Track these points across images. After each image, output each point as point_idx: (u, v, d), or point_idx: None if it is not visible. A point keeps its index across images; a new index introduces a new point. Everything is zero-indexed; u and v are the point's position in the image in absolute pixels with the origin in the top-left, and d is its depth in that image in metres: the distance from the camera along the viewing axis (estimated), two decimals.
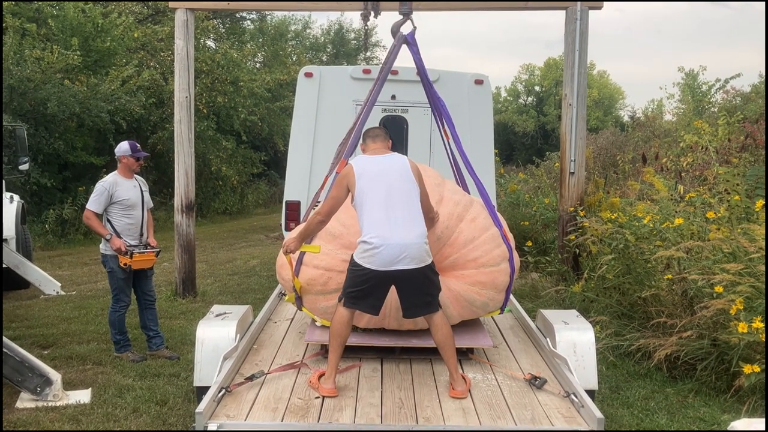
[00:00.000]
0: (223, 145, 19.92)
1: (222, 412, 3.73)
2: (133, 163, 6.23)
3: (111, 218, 6.11)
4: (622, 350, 6.29)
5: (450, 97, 5.60)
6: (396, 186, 4.17)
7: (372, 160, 4.35)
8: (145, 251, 6.19)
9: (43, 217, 14.47)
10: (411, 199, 4.16)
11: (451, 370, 4.13)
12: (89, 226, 6.15)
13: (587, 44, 8.46)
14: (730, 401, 5.30)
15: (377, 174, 4.21)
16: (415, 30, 5.30)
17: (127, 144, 6.25)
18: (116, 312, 6.20)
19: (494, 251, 4.67)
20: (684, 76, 22.56)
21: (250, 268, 11.52)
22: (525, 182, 14.81)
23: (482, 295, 4.65)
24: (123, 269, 6.07)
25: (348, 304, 4.16)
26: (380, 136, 4.54)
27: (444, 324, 4.18)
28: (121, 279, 6.14)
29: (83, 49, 15.68)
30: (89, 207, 6.05)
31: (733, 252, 5.97)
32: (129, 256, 6.02)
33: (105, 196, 6.03)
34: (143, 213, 6.29)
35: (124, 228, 6.12)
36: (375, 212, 4.09)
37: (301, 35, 33.18)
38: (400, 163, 4.30)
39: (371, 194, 4.14)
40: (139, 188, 6.30)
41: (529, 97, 41.06)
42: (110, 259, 6.11)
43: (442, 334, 4.16)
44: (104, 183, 6.09)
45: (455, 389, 4.06)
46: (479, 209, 4.84)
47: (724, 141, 11.21)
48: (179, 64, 8.60)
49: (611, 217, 7.64)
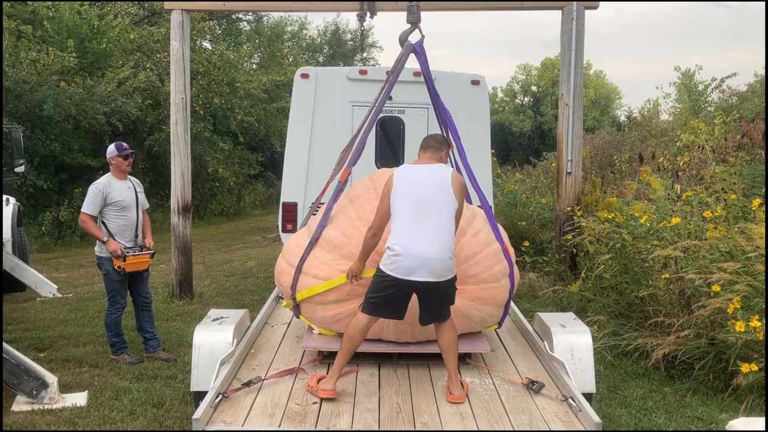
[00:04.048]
0: (219, 147, 19.88)
1: (219, 418, 3.71)
2: (122, 163, 6.20)
3: (105, 220, 6.10)
4: (619, 350, 6.29)
5: (446, 97, 5.57)
6: (429, 197, 4.09)
7: (413, 168, 4.30)
8: (140, 253, 6.17)
9: (40, 219, 14.43)
10: (441, 212, 4.06)
11: (451, 374, 4.11)
12: (85, 229, 6.13)
13: (583, 44, 8.46)
14: (727, 400, 5.31)
15: (413, 182, 4.16)
16: (423, 39, 5.28)
17: (113, 145, 6.27)
18: (112, 314, 6.18)
19: (495, 267, 4.62)
20: (680, 76, 22.58)
21: (247, 269, 11.51)
22: (522, 182, 14.82)
23: (481, 311, 4.61)
24: (118, 271, 6.06)
25: (367, 310, 4.11)
26: (431, 147, 4.45)
27: (450, 328, 4.16)
28: (116, 281, 6.13)
29: (79, 51, 15.65)
30: (84, 210, 6.03)
31: (730, 251, 5.98)
32: (122, 259, 6.00)
33: (99, 198, 6.02)
34: (138, 214, 6.27)
35: (118, 229, 6.10)
36: (403, 220, 4.06)
37: (298, 36, 33.18)
38: (441, 175, 4.19)
39: (403, 201, 4.10)
40: (134, 189, 6.28)
41: (526, 97, 41.12)
42: (105, 262, 6.11)
43: (447, 338, 4.14)
44: (98, 185, 6.08)
45: (452, 394, 4.04)
46: (482, 223, 4.77)
47: (720, 140, 11.23)
48: (175, 65, 8.59)
49: (608, 216, 7.64)
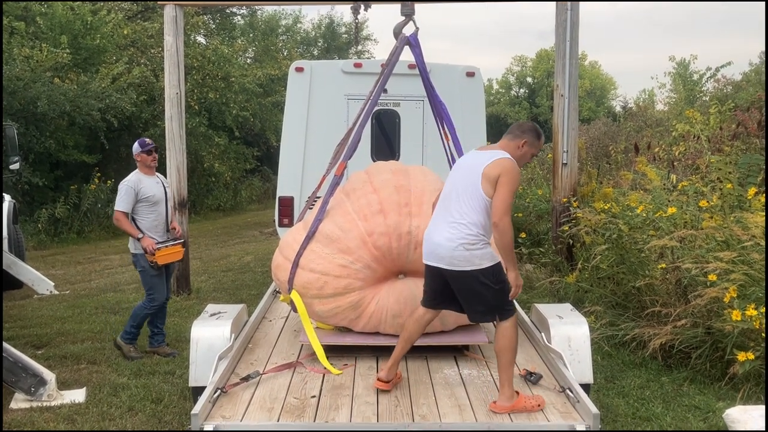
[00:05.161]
0: (215, 142, 19.83)
1: (218, 413, 3.72)
2: (147, 158, 6.17)
3: (137, 216, 6.07)
4: (617, 340, 6.31)
5: (442, 90, 5.58)
6: (458, 184, 3.97)
7: (469, 154, 4.20)
8: (170, 244, 6.19)
9: (36, 216, 14.39)
10: (463, 199, 3.89)
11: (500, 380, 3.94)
12: (120, 227, 6.10)
13: (578, 34, 8.45)
14: (724, 389, 5.32)
15: (456, 168, 4.14)
16: (418, 31, 5.27)
17: (136, 143, 6.25)
18: (145, 309, 6.19)
19: None
20: (675, 66, 22.56)
21: (245, 264, 11.50)
22: None
23: None
24: (153, 266, 6.07)
25: (422, 300, 4.17)
26: (510, 133, 4.11)
27: (501, 336, 3.92)
28: (153, 276, 6.13)
29: (72, 47, 15.58)
30: (118, 208, 6.00)
31: (726, 240, 5.99)
32: (152, 254, 6.00)
33: (131, 194, 5.99)
34: (167, 209, 6.30)
35: (150, 225, 6.11)
36: (438, 203, 4.10)
37: (292, 30, 33.05)
38: (481, 160, 3.91)
39: (445, 185, 4.13)
40: (162, 185, 6.32)
41: (521, 88, 41.07)
42: (141, 258, 6.09)
43: (497, 345, 3.96)
44: (128, 182, 6.05)
45: (495, 401, 3.88)
46: None
47: (715, 130, 11.23)
48: (169, 60, 8.55)
49: (604, 207, 7.65)
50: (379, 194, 4.67)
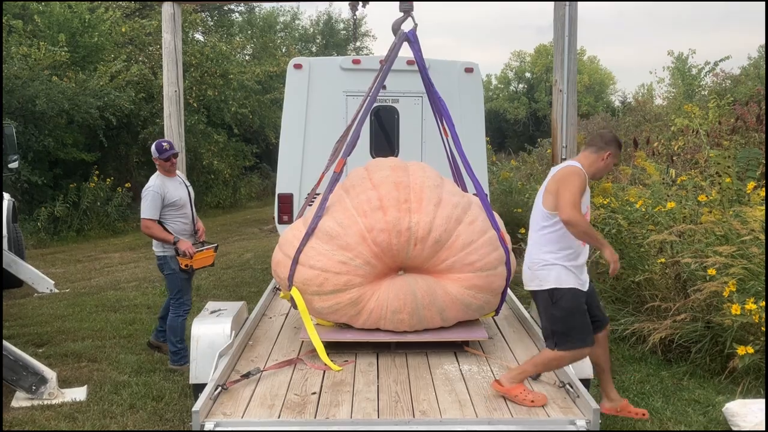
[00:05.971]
0: (214, 139, 19.81)
1: (218, 410, 3.72)
2: (164, 164, 5.86)
3: (165, 223, 5.76)
4: (616, 335, 6.32)
5: (440, 85, 5.57)
6: (534, 205, 4.23)
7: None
8: (204, 248, 5.96)
9: (35, 215, 14.38)
10: (532, 222, 4.19)
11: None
12: (151, 235, 5.76)
13: (576, 30, 8.43)
14: (724, 383, 5.34)
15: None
16: (416, 27, 5.26)
17: (153, 146, 5.91)
18: (179, 316, 5.88)
19: (491, 255, 4.62)
20: (673, 60, 22.49)
21: (244, 261, 11.50)
22: (517, 169, 14.81)
23: (478, 299, 4.62)
24: (185, 270, 5.81)
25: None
26: (590, 146, 4.13)
27: (542, 355, 4.09)
28: (183, 280, 5.87)
29: (70, 45, 15.54)
30: (146, 216, 5.66)
31: (725, 234, 6.00)
32: (189, 257, 5.76)
33: (158, 199, 5.68)
34: (193, 211, 6.05)
35: (180, 229, 5.83)
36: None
37: (290, 26, 33.00)
38: (548, 178, 4.14)
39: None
40: (185, 185, 6.05)
41: (520, 84, 41.01)
42: (170, 260, 5.80)
43: (534, 357, 4.17)
44: (153, 187, 5.72)
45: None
46: (477, 211, 4.77)
47: (714, 124, 11.23)
48: (167, 58, 8.52)
49: (604, 202, 7.65)
50: (378, 190, 4.67)
